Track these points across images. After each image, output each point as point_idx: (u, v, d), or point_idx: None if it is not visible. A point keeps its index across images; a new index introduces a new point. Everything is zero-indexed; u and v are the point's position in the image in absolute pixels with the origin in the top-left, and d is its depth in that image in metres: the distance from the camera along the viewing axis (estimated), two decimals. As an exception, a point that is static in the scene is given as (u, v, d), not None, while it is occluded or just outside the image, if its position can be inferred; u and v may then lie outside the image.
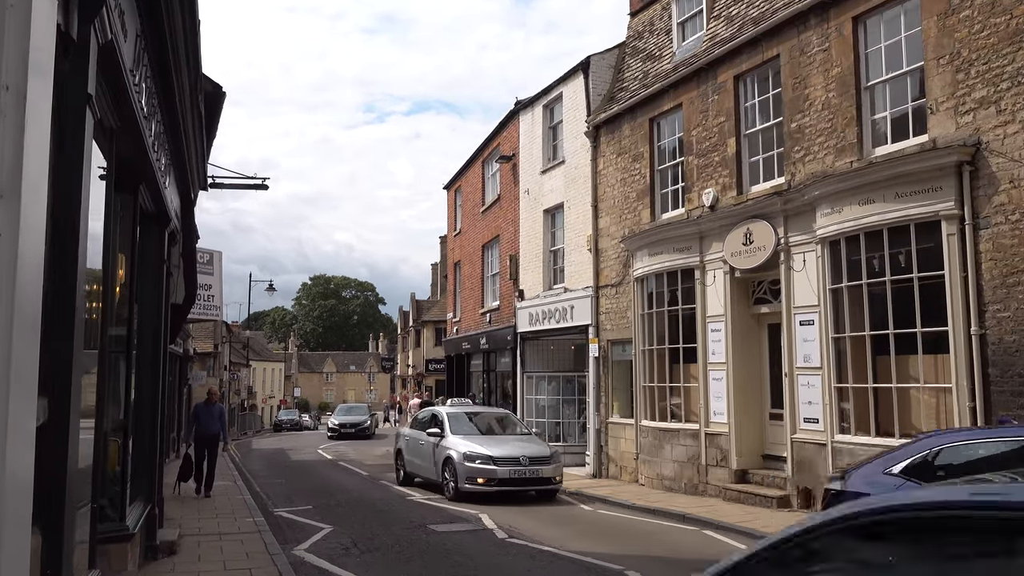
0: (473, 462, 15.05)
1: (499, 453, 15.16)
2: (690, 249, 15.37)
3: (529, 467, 15.09)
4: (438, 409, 18.17)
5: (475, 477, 14.93)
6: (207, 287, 16.51)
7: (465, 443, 15.57)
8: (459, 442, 15.67)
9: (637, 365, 16.94)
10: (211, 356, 44.59)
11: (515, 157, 23.66)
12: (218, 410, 16.01)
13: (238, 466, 24.67)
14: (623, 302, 17.87)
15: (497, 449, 15.32)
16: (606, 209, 18.68)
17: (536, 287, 21.97)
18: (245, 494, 16.31)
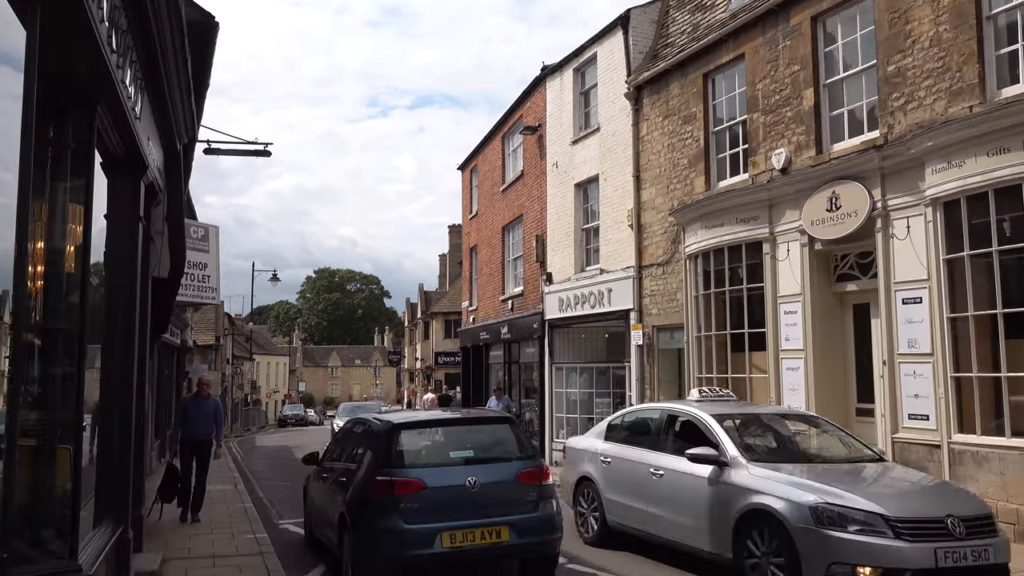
0: (843, 529, 6.90)
1: (898, 510, 6.99)
2: (757, 219, 13.31)
3: (967, 542, 6.87)
4: (692, 410, 9.29)
5: (854, 565, 6.78)
6: (202, 266, 14.48)
7: (803, 483, 7.50)
8: (783, 481, 7.57)
9: (690, 354, 14.90)
10: (213, 349, 42.69)
11: (541, 128, 21.59)
12: (212, 406, 12.59)
13: (240, 466, 22.71)
14: (671, 283, 15.82)
15: (886, 500, 7.17)
16: (650, 179, 16.61)
17: (566, 269, 19.93)
18: (246, 500, 14.34)
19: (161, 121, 8.54)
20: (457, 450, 8.34)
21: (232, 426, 51.13)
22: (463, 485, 7.73)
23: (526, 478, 8.08)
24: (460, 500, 7.68)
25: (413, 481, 7.67)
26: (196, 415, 12.40)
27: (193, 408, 12.55)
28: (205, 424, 12.40)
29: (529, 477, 8.10)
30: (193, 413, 12.44)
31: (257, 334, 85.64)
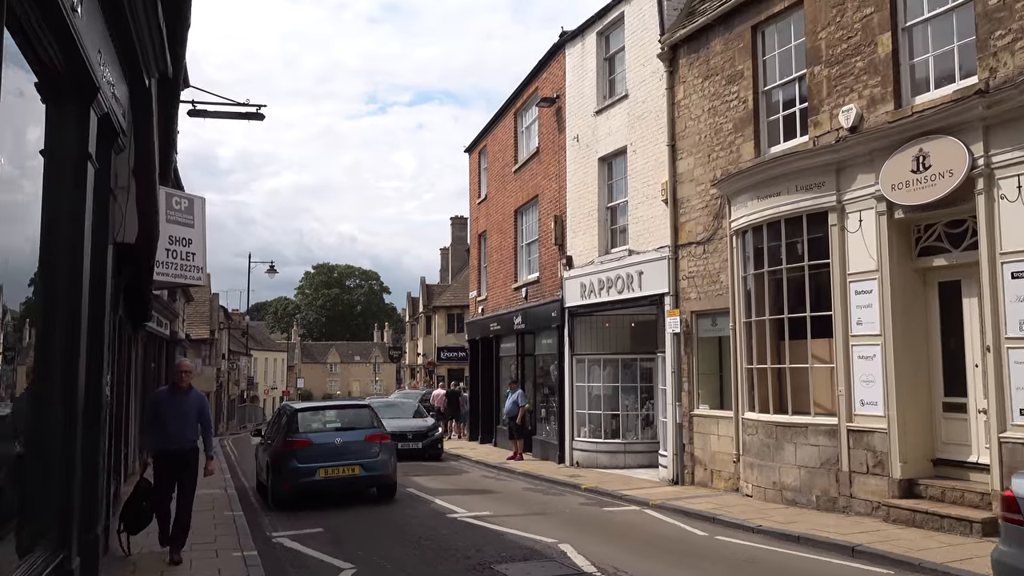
0: None
1: None
2: (821, 186, 11.59)
3: None
4: None
5: None
6: (185, 241, 12.72)
7: None
8: None
9: (738, 342, 13.19)
10: (207, 343, 40.95)
11: (560, 99, 19.85)
12: (195, 402, 9.33)
13: (233, 466, 21.01)
14: (714, 263, 14.10)
15: None
16: (688, 148, 14.88)
17: (589, 252, 18.20)
18: (236, 508, 12.63)
19: (121, 45, 6.80)
20: (331, 423, 14.56)
21: (228, 423, 49.42)
22: (333, 443, 13.61)
23: (371, 439, 13.84)
24: (331, 451, 13.43)
25: (304, 440, 13.50)
26: (173, 413, 9.14)
27: (169, 405, 9.23)
28: (185, 426, 9.16)
29: (373, 438, 13.86)
30: (169, 411, 9.16)
31: (255, 330, 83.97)
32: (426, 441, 21.54)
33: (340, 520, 11.78)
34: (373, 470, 13.51)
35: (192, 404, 9.38)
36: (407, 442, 20.47)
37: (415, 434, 21.33)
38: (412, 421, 22.31)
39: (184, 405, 9.29)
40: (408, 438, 20.72)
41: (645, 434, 17.77)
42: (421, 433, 21.58)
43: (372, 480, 13.70)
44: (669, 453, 15.03)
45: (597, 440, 17.91)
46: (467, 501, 13.30)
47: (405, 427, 21.15)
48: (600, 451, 17.76)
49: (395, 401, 27.49)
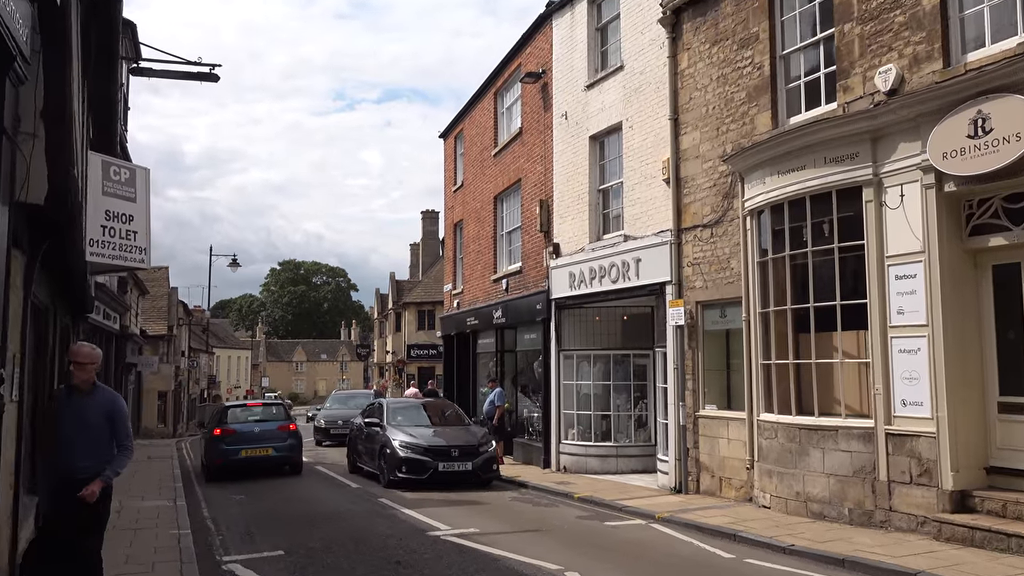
0: None
1: None
2: (855, 157, 10.22)
3: None
4: None
5: None
6: (125, 218, 11.02)
7: None
8: None
9: (753, 334, 11.81)
10: (164, 339, 38.91)
11: (546, 75, 18.37)
12: (106, 405, 6.67)
13: (186, 472, 19.22)
14: (723, 248, 12.71)
15: None
16: (693, 122, 13.48)
17: (579, 239, 16.74)
18: (183, 525, 10.94)
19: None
20: (252, 416, 18.64)
21: (188, 424, 47.32)
22: (253, 431, 17.62)
23: (282, 428, 17.91)
24: (251, 437, 17.47)
25: (230, 428, 17.55)
26: (72, 427, 6.47)
27: (67, 414, 6.56)
28: (81, 445, 6.43)
29: (283, 428, 17.92)
30: (67, 423, 6.51)
31: (218, 327, 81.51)
32: (478, 460, 14.99)
33: (304, 537, 10.18)
34: (282, 451, 17.80)
35: (99, 410, 6.58)
36: (450, 461, 14.73)
37: (463, 450, 15.02)
38: (455, 431, 16.02)
39: (84, 412, 6.52)
40: (452, 455, 14.86)
41: (639, 436, 16.36)
42: (471, 449, 15.14)
43: (282, 459, 17.86)
44: (670, 458, 13.61)
45: (587, 443, 16.46)
46: (449, 514, 11.77)
47: (446, 441, 15.24)
48: (590, 455, 16.31)
49: (413, 402, 19.17)
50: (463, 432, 15.97)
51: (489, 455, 15.33)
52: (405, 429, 15.64)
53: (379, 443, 15.69)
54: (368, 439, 16.62)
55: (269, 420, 18.38)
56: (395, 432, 15.48)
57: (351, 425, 19.04)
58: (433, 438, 15.28)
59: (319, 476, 17.78)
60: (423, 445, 14.90)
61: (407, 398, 21.75)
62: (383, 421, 16.23)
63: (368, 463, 16.54)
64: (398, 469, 14.71)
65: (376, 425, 16.29)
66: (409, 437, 15.18)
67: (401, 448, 14.93)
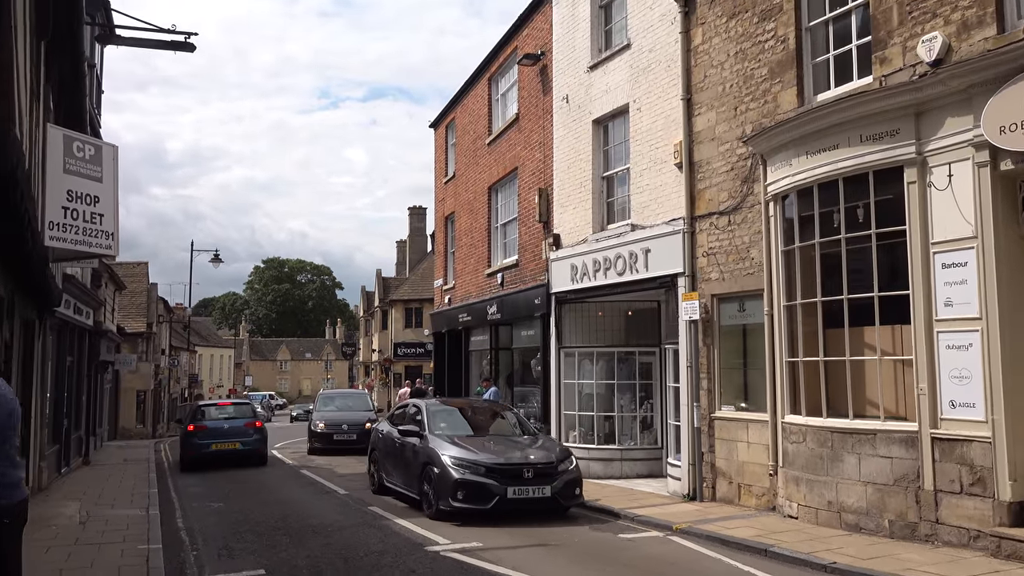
0: None
1: None
2: (895, 135, 9.32)
3: None
4: None
5: None
6: (90, 199, 9.95)
7: None
8: None
9: (776, 330, 10.90)
10: (143, 337, 37.66)
11: (545, 56, 17.40)
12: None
13: (163, 476, 18.13)
14: (742, 236, 11.79)
15: None
16: (708, 101, 12.55)
17: (581, 229, 15.79)
18: (154, 539, 9.89)
19: None
20: (223, 414, 20.56)
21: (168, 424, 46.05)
22: (223, 427, 19.66)
23: (249, 424, 19.94)
24: (221, 432, 19.50)
25: (203, 425, 19.65)
26: None
27: None
28: None
29: (250, 424, 19.94)
30: None
31: (201, 325, 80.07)
32: (557, 483, 11.30)
33: (288, 553, 9.17)
34: (249, 445, 19.66)
35: None
36: (523, 485, 11.07)
37: (539, 470, 11.30)
38: (520, 443, 12.43)
39: None
40: (525, 477, 11.16)
41: (644, 439, 15.41)
42: (548, 468, 11.41)
43: (248, 452, 19.64)
44: (683, 463, 12.68)
45: (589, 446, 15.49)
46: (447, 526, 10.77)
47: (515, 457, 11.58)
48: (593, 458, 15.33)
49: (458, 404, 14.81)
50: (533, 445, 12.29)
51: (571, 476, 11.58)
52: (455, 440, 11.93)
53: (420, 459, 11.95)
54: (401, 453, 12.86)
55: (238, 418, 20.44)
56: (442, 444, 11.78)
57: (376, 433, 14.68)
58: (496, 453, 11.62)
59: (303, 480, 16.73)
60: (485, 463, 11.20)
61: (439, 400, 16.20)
62: (424, 429, 12.46)
63: (402, 483, 12.76)
64: (452, 496, 10.94)
65: (414, 435, 12.49)
66: (463, 451, 11.46)
67: (455, 467, 11.16)
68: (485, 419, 13.73)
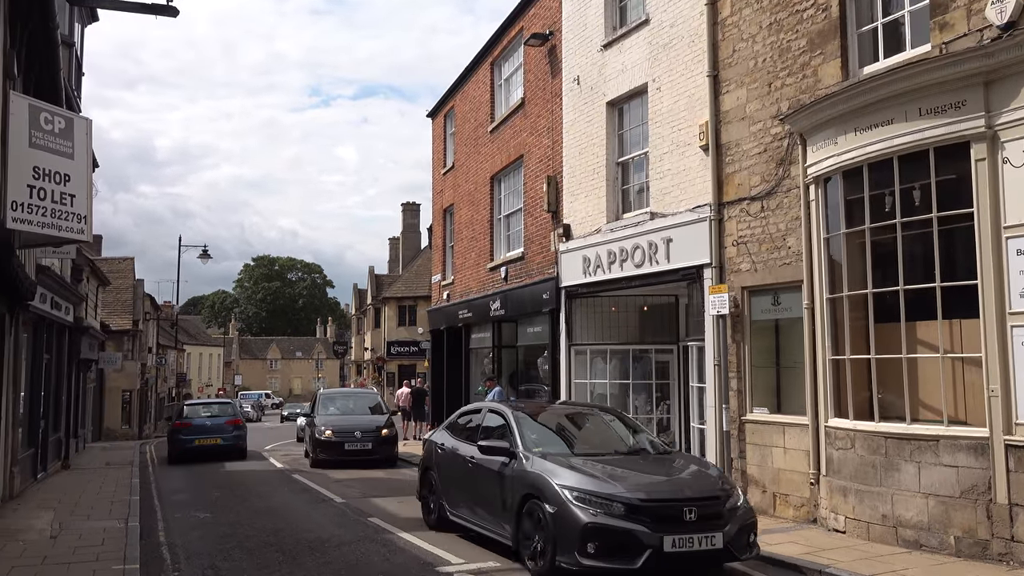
0: None
1: None
2: (960, 107, 8.36)
3: None
4: None
5: None
6: (60, 178, 8.91)
7: None
8: None
9: (819, 325, 9.95)
10: (129, 335, 36.49)
11: (554, 36, 16.41)
12: None
13: (147, 481, 17.05)
14: (777, 223, 10.83)
15: None
16: (738, 78, 11.58)
17: (594, 218, 14.80)
18: (130, 557, 8.84)
19: None
20: (206, 412, 22.92)
21: (156, 424, 44.90)
22: (205, 424, 21.92)
23: (230, 422, 22.05)
24: (204, 429, 21.68)
25: (187, 422, 21.98)
26: None
27: None
28: None
29: (231, 422, 22.09)
30: None
31: (189, 324, 78.82)
32: (730, 528, 7.69)
33: (283, 573, 8.15)
34: (229, 441, 21.59)
35: None
36: (684, 532, 7.44)
37: (703, 509, 7.65)
38: (659, 465, 8.96)
39: None
40: (687, 519, 7.53)
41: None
42: (715, 506, 7.76)
43: (229, 448, 21.47)
44: (710, 469, 11.69)
45: (603, 450, 14.47)
46: (454, 541, 9.75)
47: (666, 490, 7.93)
48: (606, 463, 14.33)
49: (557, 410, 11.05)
50: (681, 468, 8.85)
51: (746, 517, 7.93)
52: (572, 463, 8.29)
53: (515, 489, 8.42)
54: (476, 477, 9.40)
55: (220, 415, 22.45)
56: (552, 468, 8.14)
57: (432, 447, 11.03)
58: (635, 482, 7.89)
59: (295, 486, 15.69)
60: (624, 498, 7.51)
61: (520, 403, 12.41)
62: (518, 444, 8.84)
63: (481, 520, 9.25)
64: (579, 548, 7.36)
65: (500, 452, 8.92)
66: (587, 479, 7.84)
67: (579, 503, 7.52)
68: (589, 428, 10.10)
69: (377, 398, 22.28)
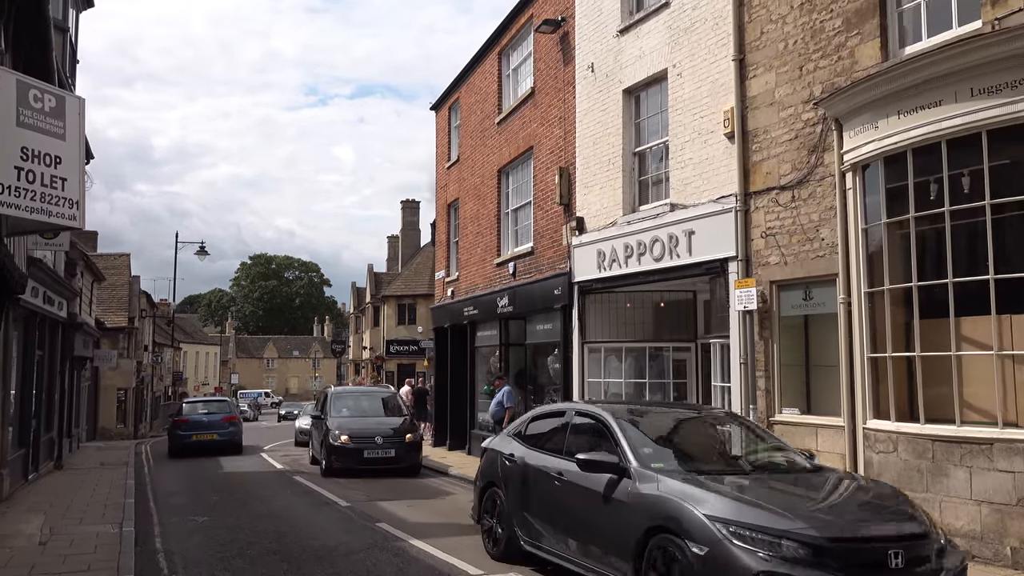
0: None
1: None
2: (1017, 86, 7.79)
3: None
4: None
5: None
6: (50, 160, 8.32)
7: None
8: None
9: (856, 320, 9.38)
10: (125, 332, 35.84)
11: (567, 23, 15.83)
12: None
13: (142, 483, 16.44)
14: (809, 213, 10.26)
15: None
16: (766, 61, 11.01)
17: (609, 211, 14.22)
18: (123, 566, 8.25)
19: None
20: (203, 409, 24.72)
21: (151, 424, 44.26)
22: (203, 420, 23.64)
23: (225, 419, 23.70)
24: (202, 425, 23.46)
25: (185, 418, 23.89)
26: None
27: None
28: None
29: (227, 419, 23.75)
30: None
31: (186, 322, 78.08)
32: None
33: (286, 588, 7.57)
34: (224, 436, 23.09)
35: None
36: None
37: (911, 552, 5.64)
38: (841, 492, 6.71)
39: None
40: (892, 566, 5.52)
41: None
42: (923, 547, 5.77)
43: (224, 443, 22.98)
44: (735, 473, 11.11)
45: (618, 452, 13.89)
46: (466, 548, 9.17)
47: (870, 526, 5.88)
48: (621, 466, 13.75)
49: None
50: (861, 492, 6.71)
51: (959, 563, 6.02)
52: (714, 485, 6.25)
53: (633, 518, 6.44)
54: (573, 498, 7.32)
55: (216, 412, 24.06)
56: (691, 491, 6.13)
57: (497, 459, 8.86)
58: (813, 512, 6.02)
59: (297, 488, 15.10)
60: (808, 536, 5.57)
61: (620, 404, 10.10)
62: (629, 458, 6.79)
63: (578, 555, 7.19)
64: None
65: (608, 468, 6.86)
66: (747, 510, 5.85)
67: (740, 545, 5.55)
68: (706, 436, 8.16)
69: (396, 397, 20.30)
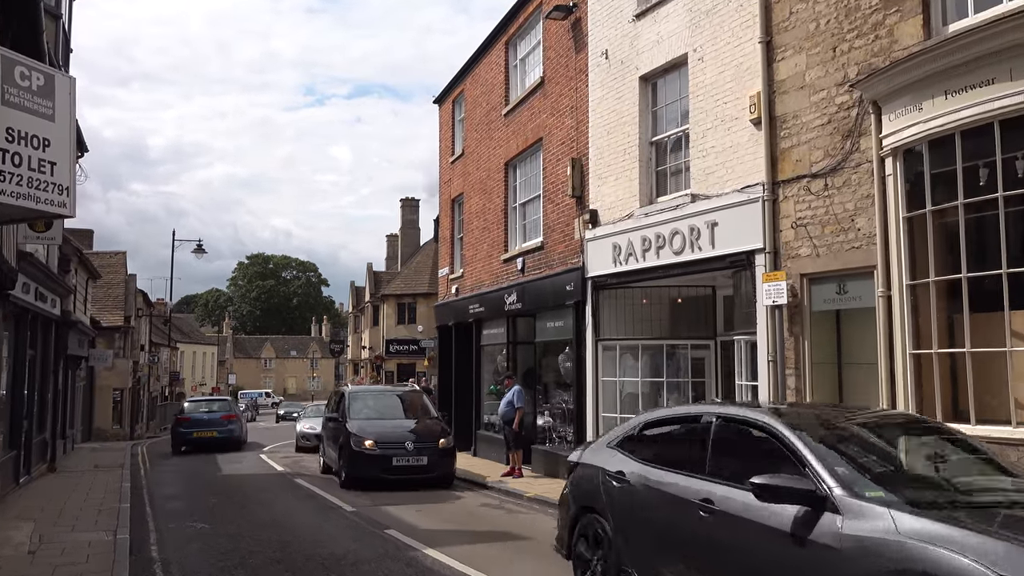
0: None
1: None
2: (1080, 62, 7.25)
3: None
4: None
5: None
6: (39, 143, 7.74)
7: None
8: None
9: (897, 315, 8.81)
10: (121, 331, 35.20)
11: (579, 8, 15.27)
12: None
13: (138, 487, 15.85)
14: (844, 202, 9.70)
15: None
16: (795, 43, 10.45)
17: (625, 203, 13.66)
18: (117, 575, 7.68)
19: None
20: (204, 408, 26.71)
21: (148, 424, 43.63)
22: (204, 418, 25.51)
23: (225, 417, 25.66)
24: (202, 422, 25.23)
25: (187, 416, 26.04)
26: None
27: None
28: None
29: (226, 416, 25.74)
30: None
31: (183, 322, 77.45)
32: None
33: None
34: (223, 434, 24.81)
35: None
36: None
37: None
38: None
39: None
40: None
41: (698, 446, 13.24)
42: None
43: (224, 440, 24.66)
44: (762, 476, 10.55)
45: (634, 454, 13.33)
46: (483, 558, 8.61)
47: None
48: (638, 468, 13.19)
49: None
50: None
51: None
52: (978, 526, 4.21)
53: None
54: (736, 539, 5.28)
55: (216, 411, 25.81)
56: (956, 537, 4.08)
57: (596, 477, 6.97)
58: None
59: (300, 492, 14.53)
60: None
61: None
62: (828, 486, 4.76)
63: None
64: None
65: (798, 496, 4.81)
66: None
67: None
68: (916, 453, 5.83)
69: (423, 396, 18.30)
